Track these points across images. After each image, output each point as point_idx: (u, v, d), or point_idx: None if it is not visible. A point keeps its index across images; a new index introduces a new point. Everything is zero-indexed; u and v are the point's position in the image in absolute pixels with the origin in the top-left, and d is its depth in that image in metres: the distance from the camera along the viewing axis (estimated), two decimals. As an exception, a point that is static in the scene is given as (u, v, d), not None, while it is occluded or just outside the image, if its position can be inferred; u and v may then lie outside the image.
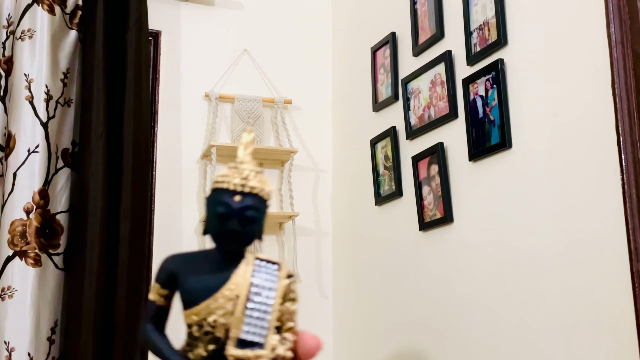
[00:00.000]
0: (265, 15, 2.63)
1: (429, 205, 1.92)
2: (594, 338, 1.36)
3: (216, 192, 0.96)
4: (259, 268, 0.93)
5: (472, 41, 1.78)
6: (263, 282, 0.92)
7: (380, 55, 2.27)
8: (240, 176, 0.96)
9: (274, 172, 2.53)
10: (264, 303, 0.91)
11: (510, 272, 1.61)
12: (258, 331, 0.88)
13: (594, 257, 1.38)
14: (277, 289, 0.93)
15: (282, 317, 0.95)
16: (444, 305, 1.84)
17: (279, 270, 0.97)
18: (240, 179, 0.95)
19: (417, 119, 2.01)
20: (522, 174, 1.59)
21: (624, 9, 1.36)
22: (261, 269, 0.93)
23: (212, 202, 0.96)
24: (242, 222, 0.92)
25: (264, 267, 0.93)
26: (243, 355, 0.89)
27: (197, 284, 0.93)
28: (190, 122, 2.42)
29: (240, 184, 0.95)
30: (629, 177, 1.31)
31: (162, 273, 1.02)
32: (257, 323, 0.88)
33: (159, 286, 1.02)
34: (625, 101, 1.33)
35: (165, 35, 2.44)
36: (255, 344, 0.90)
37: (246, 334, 0.89)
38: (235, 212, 0.92)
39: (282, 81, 2.59)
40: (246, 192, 0.94)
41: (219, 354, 0.89)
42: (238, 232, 0.92)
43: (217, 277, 0.92)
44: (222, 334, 0.91)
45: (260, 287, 0.92)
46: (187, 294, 0.95)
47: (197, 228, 2.39)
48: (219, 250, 0.97)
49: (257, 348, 0.90)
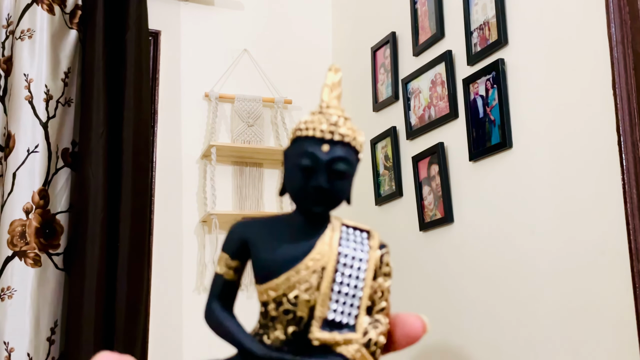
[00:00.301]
0: (265, 15, 2.63)
1: (429, 205, 1.92)
2: (594, 338, 1.36)
3: (298, 141, 0.78)
4: (347, 235, 0.78)
5: (473, 41, 1.78)
6: (352, 252, 0.77)
7: (381, 55, 2.26)
8: (328, 122, 0.78)
9: (274, 172, 2.52)
10: (355, 277, 0.76)
11: (510, 271, 1.61)
12: (347, 310, 0.75)
13: (594, 257, 1.37)
14: (368, 260, 0.77)
15: (374, 295, 0.78)
16: (444, 304, 1.84)
17: (369, 239, 0.79)
18: (329, 124, 0.77)
19: (417, 119, 2.01)
20: (522, 174, 1.59)
21: (624, 9, 1.36)
22: (349, 237, 0.78)
23: (293, 154, 0.80)
24: (330, 177, 0.76)
25: (352, 234, 0.78)
26: (331, 339, 0.73)
27: (275, 254, 0.77)
28: (190, 122, 2.42)
29: (329, 130, 0.76)
30: (629, 177, 1.30)
31: (232, 241, 0.83)
32: (347, 301, 0.74)
33: (228, 257, 0.84)
34: (626, 101, 1.33)
35: (165, 35, 2.44)
36: (344, 325, 0.75)
37: (334, 314, 0.75)
38: (323, 165, 0.76)
39: (282, 81, 2.59)
40: (336, 141, 0.78)
41: (300, 337, 0.76)
42: (325, 190, 0.75)
43: (299, 245, 0.77)
44: (305, 314, 0.76)
45: (350, 258, 0.77)
46: (262, 266, 0.79)
47: (197, 228, 2.39)
48: (301, 212, 0.80)
49: (346, 330, 0.75)
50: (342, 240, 0.80)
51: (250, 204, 2.45)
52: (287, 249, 0.79)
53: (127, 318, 2.06)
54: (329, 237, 0.79)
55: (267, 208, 2.48)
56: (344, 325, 0.76)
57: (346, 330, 0.76)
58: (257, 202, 2.46)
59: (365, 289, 0.77)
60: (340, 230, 0.82)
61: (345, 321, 0.76)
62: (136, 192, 2.14)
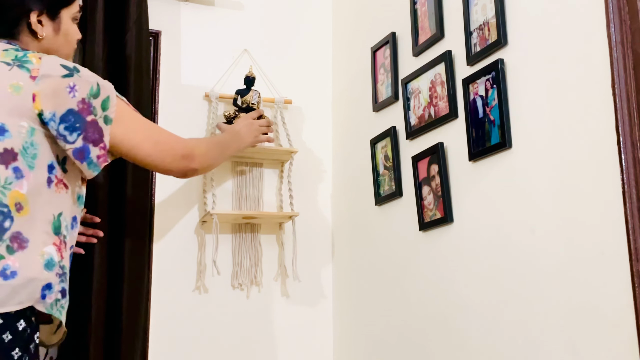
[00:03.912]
0: (265, 15, 2.63)
1: (428, 205, 1.92)
2: (594, 338, 1.36)
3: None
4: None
5: (472, 41, 1.78)
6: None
7: (380, 55, 2.27)
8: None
9: (274, 172, 2.53)
10: None
11: (510, 272, 1.61)
12: None
13: (594, 257, 1.38)
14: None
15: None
16: (444, 304, 1.84)
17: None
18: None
19: (417, 119, 2.02)
20: (522, 174, 1.59)
21: (624, 9, 1.36)
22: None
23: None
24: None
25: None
26: None
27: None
28: (190, 122, 2.42)
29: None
30: (629, 177, 1.31)
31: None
32: None
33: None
34: (625, 101, 1.33)
35: (165, 35, 2.44)
36: None
37: None
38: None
39: (282, 81, 2.59)
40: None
41: None
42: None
43: None
44: None
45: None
46: None
47: (196, 228, 2.39)
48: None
49: None
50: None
51: (250, 203, 2.45)
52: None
53: (128, 318, 2.06)
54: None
55: (267, 208, 2.48)
56: None
57: None
58: (257, 202, 2.47)
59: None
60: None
61: None
62: (137, 192, 2.14)
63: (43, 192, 1.39)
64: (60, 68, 1.44)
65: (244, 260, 2.42)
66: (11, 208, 1.33)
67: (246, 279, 2.42)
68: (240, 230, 2.44)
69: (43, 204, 1.39)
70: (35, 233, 1.36)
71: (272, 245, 2.48)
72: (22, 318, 1.31)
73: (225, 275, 2.39)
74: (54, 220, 1.41)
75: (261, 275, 2.43)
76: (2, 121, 1.36)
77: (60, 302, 1.39)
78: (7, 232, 1.31)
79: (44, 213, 1.39)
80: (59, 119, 1.41)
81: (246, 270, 2.42)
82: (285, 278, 2.47)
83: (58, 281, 1.38)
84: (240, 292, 2.41)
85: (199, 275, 2.35)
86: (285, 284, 2.46)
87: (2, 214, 1.32)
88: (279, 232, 2.49)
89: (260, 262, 2.43)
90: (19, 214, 1.34)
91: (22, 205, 1.35)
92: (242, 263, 2.42)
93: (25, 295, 1.31)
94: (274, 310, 2.43)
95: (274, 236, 2.49)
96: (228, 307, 2.38)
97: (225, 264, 2.39)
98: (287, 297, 2.46)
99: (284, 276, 2.47)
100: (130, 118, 1.55)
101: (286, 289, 2.46)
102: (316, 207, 2.56)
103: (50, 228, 1.39)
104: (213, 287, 2.37)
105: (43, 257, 1.35)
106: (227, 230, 2.43)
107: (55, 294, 1.37)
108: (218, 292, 2.37)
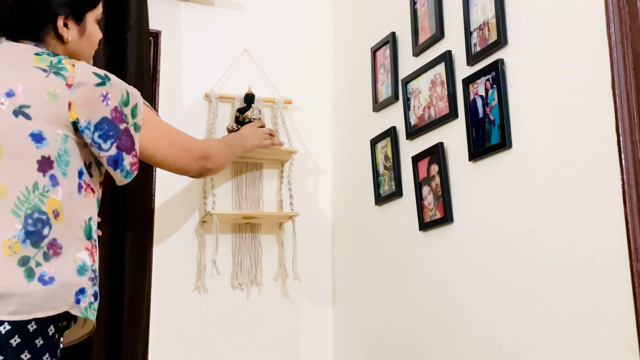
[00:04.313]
0: (265, 15, 2.63)
1: (428, 205, 1.92)
2: (594, 338, 1.36)
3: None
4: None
5: (472, 41, 1.78)
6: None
7: (380, 55, 2.27)
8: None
9: (274, 172, 2.53)
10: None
11: (510, 272, 1.61)
12: None
13: (594, 257, 1.38)
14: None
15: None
16: (444, 304, 1.84)
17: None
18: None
19: (417, 119, 2.02)
20: (522, 174, 1.59)
21: (624, 9, 1.36)
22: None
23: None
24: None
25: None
26: None
27: None
28: (190, 122, 2.42)
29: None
30: (629, 177, 1.31)
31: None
32: None
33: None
34: (625, 101, 1.33)
35: (165, 35, 2.44)
36: None
37: None
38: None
39: (282, 81, 2.59)
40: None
41: None
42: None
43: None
44: None
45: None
46: None
47: (197, 228, 2.39)
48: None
49: None
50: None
51: (250, 203, 2.45)
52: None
53: (130, 318, 2.06)
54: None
55: (267, 208, 2.48)
56: None
57: None
58: (256, 202, 2.47)
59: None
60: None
61: None
62: (138, 192, 2.15)
63: (75, 198, 1.41)
64: (93, 76, 1.45)
65: (244, 260, 2.42)
66: (49, 215, 1.34)
67: (246, 279, 2.42)
68: (240, 230, 2.44)
69: (75, 210, 1.40)
70: (68, 239, 1.37)
71: (272, 245, 2.48)
72: (52, 324, 1.33)
73: (225, 275, 2.39)
74: (85, 225, 1.43)
75: (261, 275, 2.43)
76: (40, 128, 1.37)
77: (94, 305, 1.42)
78: (45, 239, 1.33)
79: (76, 219, 1.40)
80: (93, 127, 1.42)
81: (246, 270, 2.42)
82: (285, 278, 2.47)
83: (91, 285, 1.41)
84: (240, 292, 2.41)
85: (199, 275, 2.35)
86: (285, 284, 2.47)
87: (41, 222, 1.33)
88: (279, 232, 2.49)
89: (260, 262, 2.44)
90: (56, 221, 1.36)
91: (59, 212, 1.36)
92: (242, 263, 2.42)
93: (61, 301, 1.33)
94: (273, 310, 2.43)
95: (274, 236, 2.49)
96: (228, 307, 2.38)
97: (225, 264, 2.39)
98: (287, 297, 2.46)
99: (284, 276, 2.47)
100: (154, 123, 1.58)
101: (286, 289, 2.46)
102: (316, 207, 2.56)
103: (82, 233, 1.41)
104: (213, 287, 2.37)
105: (76, 262, 1.37)
106: (227, 230, 2.43)
107: (89, 297, 1.40)
108: (218, 292, 2.37)
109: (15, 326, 1.26)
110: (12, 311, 1.26)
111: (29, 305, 1.28)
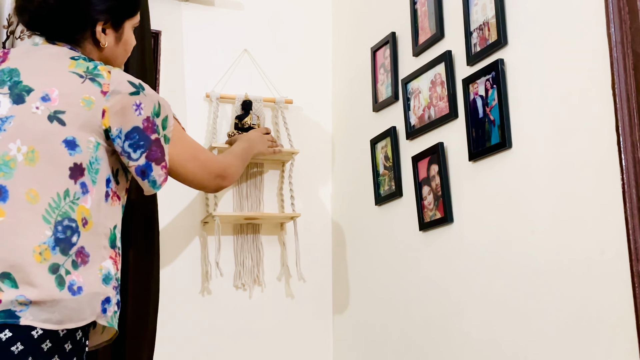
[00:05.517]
0: (265, 15, 2.63)
1: (428, 206, 1.92)
2: (594, 338, 1.36)
3: None
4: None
5: (472, 41, 1.78)
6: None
7: (380, 55, 2.27)
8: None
9: (275, 173, 2.53)
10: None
11: (510, 272, 1.61)
12: None
13: (593, 257, 1.38)
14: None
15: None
16: (444, 304, 1.85)
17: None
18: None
19: (417, 119, 2.02)
20: (522, 174, 1.60)
21: (624, 9, 1.36)
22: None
23: None
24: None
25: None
26: None
27: None
28: (191, 122, 2.42)
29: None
30: (629, 177, 1.31)
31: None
32: None
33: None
34: (625, 101, 1.33)
35: (165, 36, 2.44)
36: None
37: None
38: None
39: (283, 81, 2.59)
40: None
41: None
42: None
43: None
44: None
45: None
46: None
47: (198, 229, 2.39)
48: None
49: None
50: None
51: (251, 204, 2.45)
52: None
53: (134, 317, 2.07)
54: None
55: (268, 208, 2.48)
56: None
57: None
58: (258, 203, 2.47)
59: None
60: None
61: None
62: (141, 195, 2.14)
63: (102, 206, 1.40)
64: (128, 85, 1.44)
65: (246, 261, 2.43)
66: (79, 223, 1.34)
67: (249, 279, 2.42)
68: (242, 231, 2.44)
69: (102, 218, 1.40)
70: (95, 247, 1.37)
71: (274, 245, 2.48)
72: (80, 328, 1.33)
73: (228, 275, 2.39)
74: (110, 233, 1.43)
75: (263, 275, 2.44)
76: (74, 135, 1.36)
77: (117, 313, 1.42)
78: (74, 247, 1.33)
79: (103, 227, 1.40)
80: (124, 135, 1.42)
81: (249, 271, 2.42)
82: (288, 278, 2.47)
83: (115, 294, 1.41)
84: (243, 292, 2.41)
85: (202, 276, 2.36)
86: (287, 284, 2.47)
87: (71, 229, 1.33)
88: (280, 232, 2.49)
89: (262, 263, 2.44)
90: (84, 229, 1.35)
91: (87, 220, 1.36)
92: (244, 263, 2.42)
93: (89, 311, 1.33)
94: (275, 310, 2.44)
95: (275, 237, 2.49)
96: (231, 306, 2.38)
97: (228, 265, 2.40)
98: (288, 296, 2.46)
99: (287, 276, 2.47)
100: (180, 137, 1.57)
101: (289, 289, 2.47)
102: (316, 207, 2.56)
103: (107, 242, 1.41)
104: (216, 287, 2.37)
105: (101, 271, 1.37)
106: (229, 231, 2.43)
107: (113, 306, 1.40)
108: (221, 292, 2.38)
109: (46, 331, 1.27)
110: (45, 319, 1.26)
111: (59, 315, 1.28)
